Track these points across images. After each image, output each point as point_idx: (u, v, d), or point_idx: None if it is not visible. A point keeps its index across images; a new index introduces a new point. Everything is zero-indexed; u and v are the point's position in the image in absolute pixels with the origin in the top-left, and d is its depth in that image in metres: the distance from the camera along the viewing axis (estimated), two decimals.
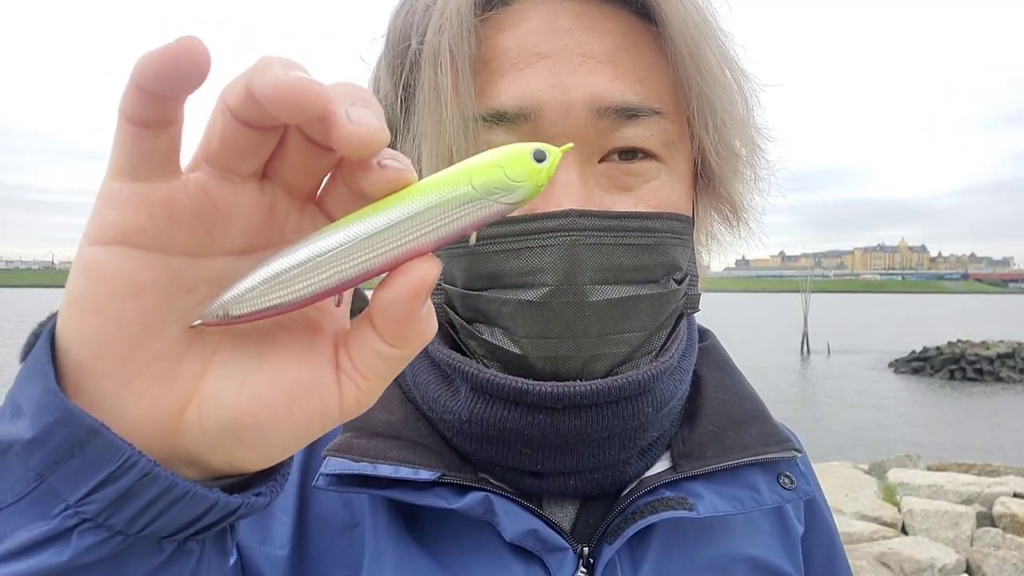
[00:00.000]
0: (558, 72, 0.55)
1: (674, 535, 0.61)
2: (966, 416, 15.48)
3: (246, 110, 0.28)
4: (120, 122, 0.29)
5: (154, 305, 0.30)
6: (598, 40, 0.56)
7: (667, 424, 0.63)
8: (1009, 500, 5.43)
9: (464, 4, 0.55)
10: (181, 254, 0.30)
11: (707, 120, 0.58)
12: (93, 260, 0.29)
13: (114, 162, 0.29)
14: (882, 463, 6.82)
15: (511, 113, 0.55)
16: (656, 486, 0.59)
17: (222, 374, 0.32)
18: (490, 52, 0.56)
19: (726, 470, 0.61)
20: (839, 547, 0.73)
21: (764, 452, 0.62)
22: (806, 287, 33.10)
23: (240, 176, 0.31)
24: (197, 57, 0.27)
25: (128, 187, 0.29)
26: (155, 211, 0.29)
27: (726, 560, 0.62)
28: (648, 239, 0.57)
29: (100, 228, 0.29)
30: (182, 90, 0.28)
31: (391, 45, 0.62)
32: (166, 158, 0.29)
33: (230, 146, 0.30)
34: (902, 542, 4.74)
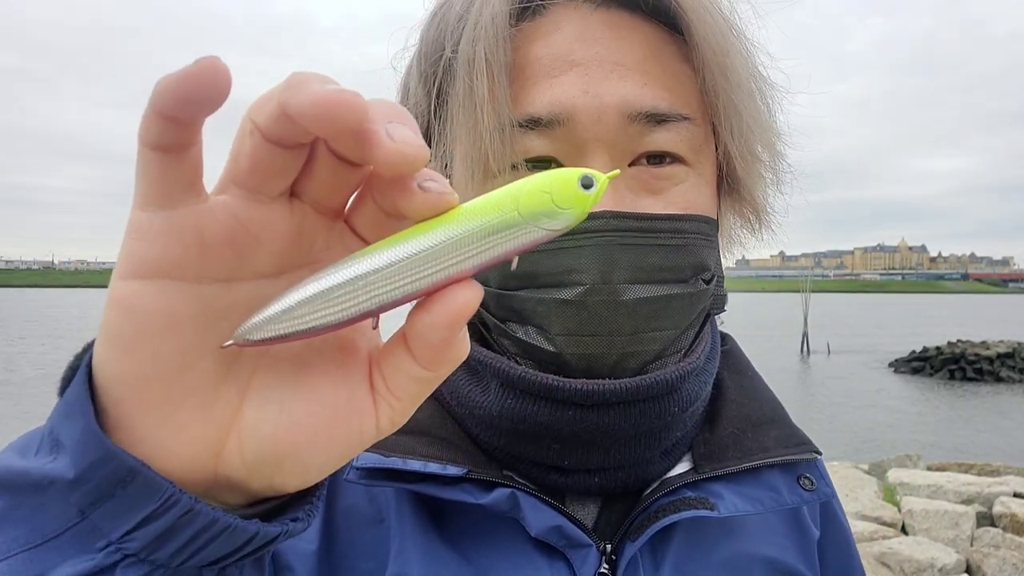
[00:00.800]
0: (590, 79, 0.57)
1: (694, 535, 0.62)
2: (966, 416, 15.48)
3: (278, 128, 0.28)
4: (142, 150, 0.28)
5: (191, 337, 0.30)
6: (628, 49, 0.58)
7: (689, 425, 0.64)
8: (1009, 500, 5.42)
9: (499, 14, 0.57)
10: (213, 281, 0.30)
11: (732, 126, 0.60)
12: (128, 295, 0.29)
13: (139, 191, 0.29)
14: (882, 463, 6.83)
15: (545, 119, 0.57)
16: (678, 486, 0.61)
17: (259, 401, 0.32)
18: (524, 60, 0.58)
19: (746, 471, 0.63)
20: (854, 551, 0.74)
21: (784, 454, 0.64)
22: (806, 287, 33.11)
23: (269, 196, 0.31)
24: (218, 78, 0.26)
25: (157, 216, 0.29)
26: (187, 240, 0.29)
27: (744, 560, 0.63)
28: (679, 240, 0.58)
29: (132, 261, 0.29)
30: (203, 113, 0.27)
31: (424, 54, 0.63)
32: (191, 182, 0.29)
33: (259, 167, 0.29)
34: (902, 542, 4.74)
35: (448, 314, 0.30)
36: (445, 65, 0.60)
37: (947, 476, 6.10)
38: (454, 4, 0.61)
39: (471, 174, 0.59)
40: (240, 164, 0.30)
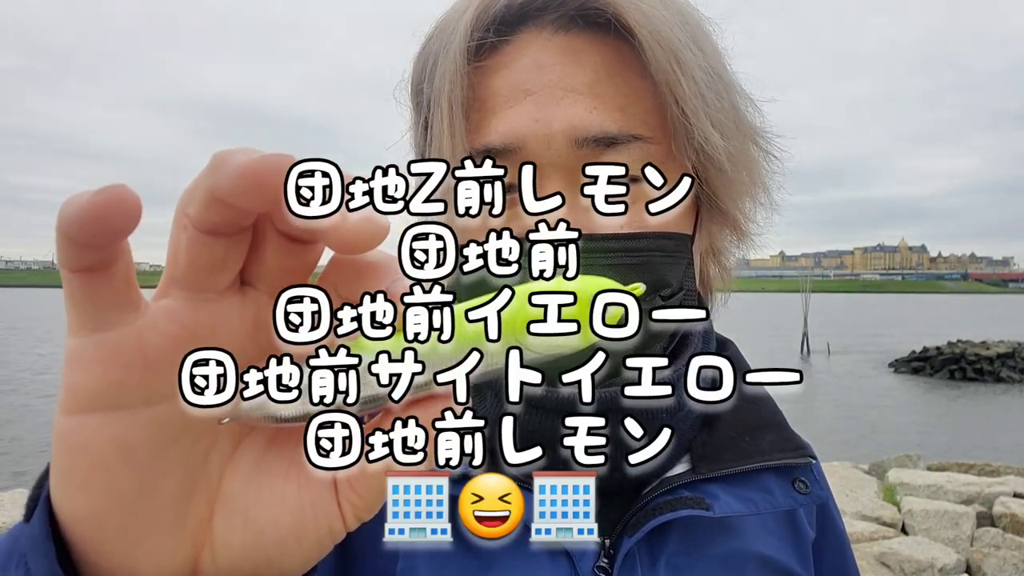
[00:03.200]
0: (541, 107, 0.58)
1: (690, 532, 0.63)
2: (966, 416, 15.48)
3: (212, 216, 0.26)
4: (63, 273, 0.26)
5: (147, 462, 0.28)
6: (580, 72, 0.59)
7: (688, 428, 0.65)
8: (1009, 500, 5.42)
9: (459, 53, 0.59)
10: (165, 399, 0.28)
11: (684, 143, 0.60)
12: (73, 432, 0.27)
13: (71, 317, 0.27)
14: (882, 463, 6.82)
15: (499, 148, 0.58)
16: (675, 486, 0.62)
17: (226, 512, 0.31)
18: (485, 92, 0.60)
19: (743, 473, 0.64)
20: (849, 553, 0.75)
21: (780, 458, 0.65)
22: (806, 287, 33.10)
23: (216, 292, 0.28)
24: (125, 206, 0.24)
25: (91, 341, 0.27)
26: (127, 361, 0.27)
27: (738, 557, 0.64)
28: (631, 259, 0.58)
29: (73, 395, 0.27)
30: (114, 240, 0.25)
31: (413, 88, 0.68)
32: (122, 298, 0.27)
33: (199, 262, 0.27)
34: (902, 542, 4.74)
35: (428, 419, 0.29)
36: (426, 100, 0.63)
37: (947, 476, 6.10)
38: (433, 39, 0.64)
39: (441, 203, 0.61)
40: (179, 263, 0.27)
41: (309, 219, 0.26)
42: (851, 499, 5.42)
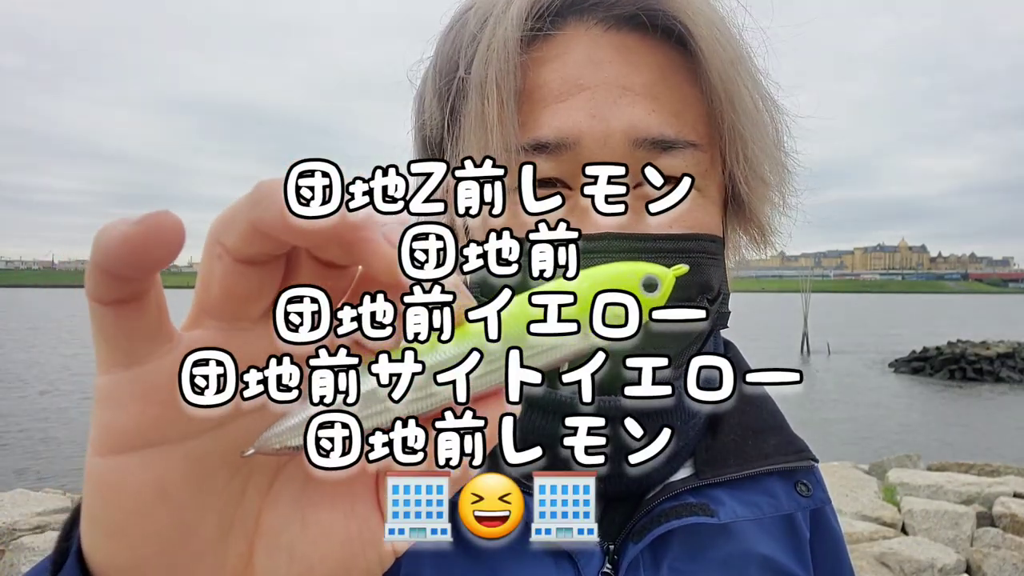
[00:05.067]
0: (598, 104, 0.57)
1: (693, 536, 0.63)
2: (966, 416, 15.47)
3: (251, 248, 0.25)
4: (92, 306, 0.25)
5: (187, 502, 0.27)
6: (637, 73, 0.58)
7: (691, 433, 0.65)
8: (1009, 500, 5.42)
9: (511, 39, 0.56)
10: (202, 433, 0.27)
11: (738, 152, 0.60)
12: (108, 474, 0.26)
13: (101, 353, 0.26)
14: (882, 463, 6.82)
15: (552, 143, 0.57)
16: (680, 491, 0.62)
17: (269, 549, 0.30)
18: (533, 83, 0.58)
19: (746, 478, 0.64)
20: (844, 553, 0.75)
21: (783, 461, 0.65)
22: (806, 287, 33.09)
23: (251, 321, 0.28)
24: (169, 236, 0.23)
25: (125, 377, 0.26)
26: (165, 397, 0.26)
27: (740, 560, 0.64)
28: (683, 259, 0.58)
29: (108, 435, 0.26)
30: (154, 271, 0.24)
31: (439, 70, 0.64)
32: (155, 330, 0.26)
33: (234, 292, 0.26)
34: (902, 542, 4.74)
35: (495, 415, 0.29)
36: (459, 84, 0.60)
37: (947, 476, 6.10)
38: (468, 22, 0.61)
39: None
40: (212, 292, 0.26)
41: (310, 219, 0.25)
42: (851, 499, 5.42)
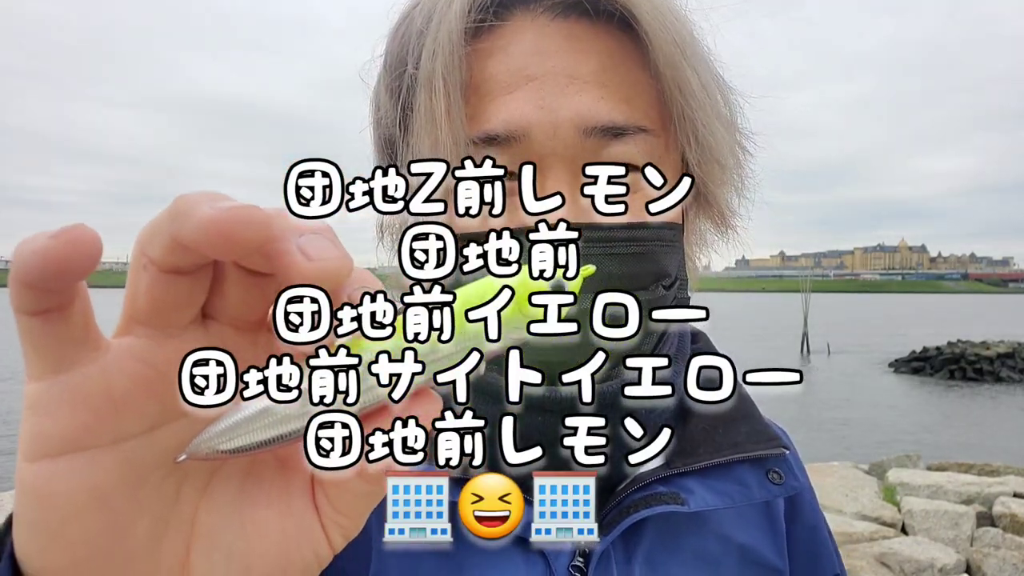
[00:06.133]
0: (545, 94, 0.57)
1: (666, 526, 0.63)
2: (966, 416, 15.47)
3: (173, 258, 0.26)
4: (18, 317, 0.25)
5: (120, 504, 0.27)
6: (585, 61, 0.58)
7: (660, 422, 0.64)
8: (1009, 500, 5.42)
9: (455, 31, 0.56)
10: (134, 436, 0.27)
11: (689, 136, 0.60)
12: (40, 480, 0.26)
13: (30, 361, 0.26)
14: (882, 463, 6.82)
15: (502, 135, 0.57)
16: (650, 481, 0.62)
17: (206, 548, 0.30)
18: (480, 76, 0.58)
19: (717, 466, 0.63)
20: (824, 542, 0.74)
21: (753, 449, 0.65)
22: (806, 287, 33.09)
23: (179, 328, 0.28)
24: (86, 248, 0.24)
25: (56, 383, 0.26)
26: (95, 403, 0.26)
27: (716, 550, 0.64)
28: (636, 248, 0.58)
29: (39, 441, 0.26)
30: (74, 281, 0.25)
31: (389, 68, 0.63)
32: (82, 336, 0.26)
33: (161, 301, 0.27)
34: (902, 542, 4.74)
35: (427, 417, 0.29)
36: (408, 80, 0.60)
37: (947, 476, 6.10)
38: (415, 18, 0.60)
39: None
40: (139, 302, 0.27)
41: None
42: (851, 499, 5.42)
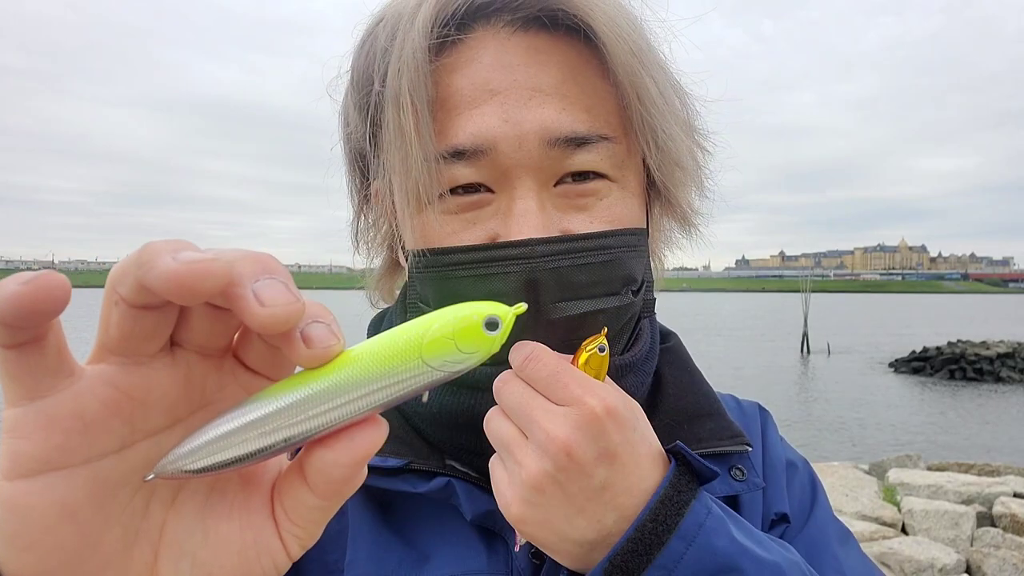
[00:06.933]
0: (509, 107, 0.59)
1: None
2: (966, 416, 15.48)
3: (139, 298, 0.28)
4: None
5: (91, 517, 0.30)
6: (546, 73, 0.60)
7: None
8: (1009, 500, 5.42)
9: (419, 48, 0.58)
10: (105, 456, 0.30)
11: (649, 141, 0.62)
12: (16, 497, 0.29)
13: (6, 389, 0.28)
14: (882, 463, 6.83)
15: (469, 149, 0.58)
16: None
17: (173, 557, 0.33)
18: (446, 91, 0.60)
19: None
20: (821, 509, 0.73)
21: (717, 445, 0.67)
22: (806, 287, 33.08)
23: (148, 356, 0.30)
24: (55, 294, 0.26)
25: (31, 409, 0.28)
26: (67, 426, 0.28)
27: None
28: (604, 256, 0.60)
29: (16, 461, 0.28)
30: (42, 321, 0.27)
31: (356, 85, 0.65)
32: (56, 366, 0.28)
33: (130, 333, 0.29)
34: (902, 542, 4.74)
35: (354, 454, 0.31)
36: (376, 97, 0.62)
37: (947, 476, 6.10)
38: (379, 35, 0.62)
39: (404, 203, 0.61)
40: (111, 333, 0.29)
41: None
42: (851, 499, 5.42)
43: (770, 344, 30.23)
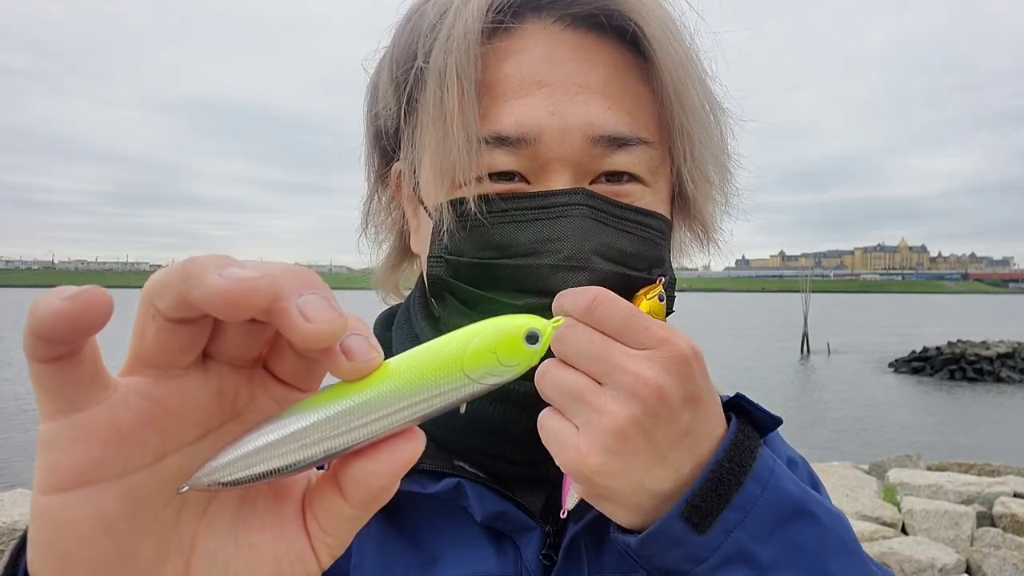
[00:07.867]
0: (556, 100, 0.59)
1: None
2: (966, 416, 15.48)
3: (180, 313, 0.28)
4: (31, 364, 0.28)
5: (126, 531, 0.30)
6: (593, 71, 0.61)
7: None
8: (1009, 500, 5.42)
9: (472, 30, 0.58)
10: (140, 469, 0.30)
11: (686, 150, 0.63)
12: (53, 510, 0.29)
13: (42, 403, 0.29)
14: (882, 463, 6.83)
15: (512, 137, 0.59)
16: None
17: (206, 568, 0.33)
18: (494, 77, 0.60)
19: None
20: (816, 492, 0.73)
21: None
22: (806, 287, 33.08)
23: (181, 368, 0.30)
24: (99, 307, 0.26)
25: (67, 423, 0.28)
26: (104, 438, 0.29)
27: None
28: (644, 233, 0.62)
29: (52, 475, 0.29)
30: (84, 336, 0.27)
31: (396, 59, 0.65)
32: (91, 379, 0.29)
33: (165, 346, 0.29)
34: (902, 542, 4.73)
35: (394, 464, 0.31)
36: (417, 73, 0.62)
37: (947, 476, 6.10)
38: (427, 13, 0.62)
39: (439, 183, 0.60)
40: (146, 346, 0.29)
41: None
42: (851, 499, 5.42)
43: (770, 344, 30.23)
